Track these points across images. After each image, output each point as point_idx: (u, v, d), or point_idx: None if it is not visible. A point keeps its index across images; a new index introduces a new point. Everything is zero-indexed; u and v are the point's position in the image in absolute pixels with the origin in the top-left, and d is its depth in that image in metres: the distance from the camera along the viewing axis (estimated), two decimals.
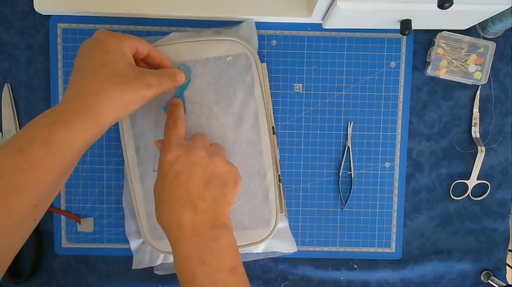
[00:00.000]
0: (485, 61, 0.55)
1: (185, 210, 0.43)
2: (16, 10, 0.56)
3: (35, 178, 0.37)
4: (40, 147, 0.37)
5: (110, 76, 0.41)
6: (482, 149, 0.57)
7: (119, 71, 0.42)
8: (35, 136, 0.37)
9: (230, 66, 0.54)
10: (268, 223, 0.55)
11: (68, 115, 0.39)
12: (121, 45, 0.44)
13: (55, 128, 0.38)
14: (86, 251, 0.58)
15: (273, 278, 0.59)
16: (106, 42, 0.43)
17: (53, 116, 0.38)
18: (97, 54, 0.42)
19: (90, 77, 0.41)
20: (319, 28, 0.56)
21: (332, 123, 0.57)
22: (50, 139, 0.37)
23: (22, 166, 0.36)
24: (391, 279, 0.59)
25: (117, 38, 0.44)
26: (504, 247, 0.59)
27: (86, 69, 0.42)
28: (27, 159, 0.36)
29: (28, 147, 0.36)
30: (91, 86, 0.40)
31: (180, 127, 0.48)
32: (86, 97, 0.40)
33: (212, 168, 0.44)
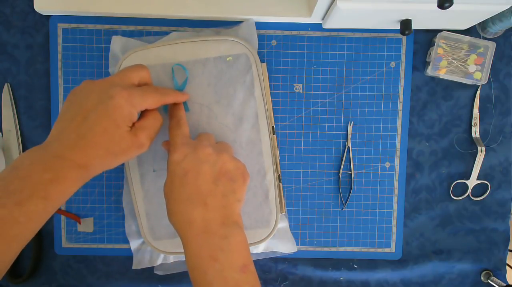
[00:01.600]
0: (485, 61, 0.55)
1: (195, 207, 0.43)
2: (16, 10, 0.56)
3: (29, 229, 0.39)
4: (37, 202, 0.39)
5: (107, 145, 0.42)
6: (482, 149, 0.57)
7: (117, 139, 0.43)
8: (33, 191, 0.39)
9: (230, 66, 0.54)
10: (268, 223, 0.55)
11: (64, 172, 0.41)
12: (129, 109, 0.43)
13: (52, 185, 0.40)
14: (86, 251, 0.58)
15: (273, 278, 0.59)
16: (115, 106, 0.42)
17: (51, 172, 0.40)
18: (102, 116, 0.42)
19: (89, 138, 0.42)
20: (319, 28, 0.56)
21: (332, 123, 0.57)
22: (46, 195, 0.40)
23: (19, 218, 0.38)
24: (391, 279, 0.59)
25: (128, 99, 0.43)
26: (504, 247, 0.59)
27: (87, 127, 0.42)
28: (24, 212, 0.38)
29: (26, 202, 0.38)
30: (89, 150, 0.42)
31: (183, 126, 0.48)
32: (82, 156, 0.42)
33: (220, 164, 0.45)
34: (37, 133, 0.57)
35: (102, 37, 0.56)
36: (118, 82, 0.44)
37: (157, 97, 0.46)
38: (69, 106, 0.44)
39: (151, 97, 0.45)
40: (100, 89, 0.43)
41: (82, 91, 0.44)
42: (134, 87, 0.44)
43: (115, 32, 0.56)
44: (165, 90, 0.48)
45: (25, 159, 0.41)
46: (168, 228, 0.54)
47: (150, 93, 0.45)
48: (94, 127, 0.42)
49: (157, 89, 0.47)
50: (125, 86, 0.44)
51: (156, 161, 0.54)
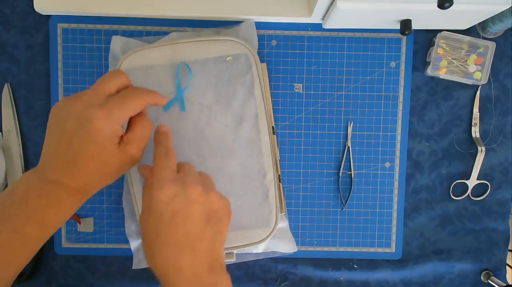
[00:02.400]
0: (485, 61, 0.55)
1: (183, 253, 0.40)
2: (16, 10, 0.56)
3: (24, 255, 0.40)
4: (33, 228, 0.39)
5: (99, 168, 0.42)
6: (482, 149, 0.57)
7: (107, 160, 0.42)
8: (29, 218, 0.39)
9: (230, 66, 0.54)
10: (268, 223, 0.55)
11: (60, 198, 0.41)
12: (111, 127, 0.41)
13: (48, 211, 0.40)
14: (86, 251, 0.58)
15: (273, 278, 0.59)
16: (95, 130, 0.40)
17: (47, 197, 0.40)
18: (86, 141, 0.40)
19: (79, 164, 0.41)
20: (319, 28, 0.56)
21: (332, 123, 0.57)
22: (42, 221, 0.40)
23: (14, 244, 0.38)
24: (391, 279, 0.59)
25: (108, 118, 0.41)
26: (504, 247, 0.59)
27: (74, 152, 0.41)
28: (19, 238, 0.38)
29: (22, 228, 0.38)
30: (82, 175, 0.42)
31: (172, 158, 0.44)
32: (76, 182, 0.42)
33: (210, 205, 0.42)
34: (37, 133, 0.57)
35: (102, 37, 0.56)
36: (93, 100, 0.41)
37: (137, 101, 0.43)
38: (51, 129, 0.42)
39: (131, 105, 0.42)
40: (76, 111, 0.41)
41: (60, 113, 0.42)
42: (111, 100, 0.41)
43: (115, 32, 0.56)
44: (143, 89, 0.45)
45: (21, 185, 0.41)
46: None
47: (129, 100, 0.42)
48: (81, 152, 0.41)
49: (135, 91, 0.44)
50: (101, 103, 0.41)
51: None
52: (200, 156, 0.54)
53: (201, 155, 0.54)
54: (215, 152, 0.54)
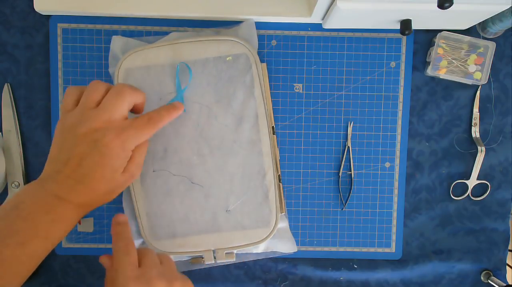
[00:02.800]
0: (485, 61, 0.55)
1: None
2: (16, 10, 0.56)
3: (30, 267, 0.40)
4: (39, 242, 0.40)
5: (105, 187, 0.43)
6: (482, 149, 0.57)
7: (113, 181, 0.44)
8: (36, 232, 0.40)
9: (230, 66, 0.54)
10: (268, 223, 0.55)
11: (65, 213, 0.42)
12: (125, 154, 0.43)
13: (53, 225, 0.41)
14: (86, 251, 0.58)
15: (273, 278, 0.59)
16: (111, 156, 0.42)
17: (53, 213, 0.41)
18: (99, 164, 0.42)
19: (87, 183, 0.42)
20: (319, 28, 0.56)
21: (332, 123, 0.57)
22: (48, 235, 0.41)
23: (21, 258, 0.39)
24: (391, 279, 0.59)
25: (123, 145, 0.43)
26: (504, 247, 0.59)
27: (84, 173, 0.42)
28: (26, 252, 0.39)
29: (29, 242, 0.39)
30: (88, 193, 0.43)
31: (132, 252, 0.42)
32: (81, 199, 0.43)
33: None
34: (37, 133, 0.57)
35: (102, 37, 0.56)
36: (111, 125, 0.42)
37: (151, 130, 0.45)
38: (59, 147, 0.43)
39: (145, 133, 0.44)
40: (89, 135, 0.42)
41: (68, 132, 0.43)
42: (127, 127, 0.43)
43: (115, 32, 0.56)
44: (158, 117, 0.46)
45: (26, 198, 0.41)
46: (168, 228, 0.54)
47: (144, 129, 0.44)
48: (91, 173, 0.42)
49: (149, 119, 0.45)
50: (119, 130, 0.42)
51: (156, 161, 0.54)
52: (200, 156, 0.54)
53: (201, 155, 0.54)
54: (215, 152, 0.54)
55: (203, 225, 0.54)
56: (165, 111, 0.47)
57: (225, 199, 0.54)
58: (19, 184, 0.56)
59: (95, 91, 0.44)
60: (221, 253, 0.55)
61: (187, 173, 0.54)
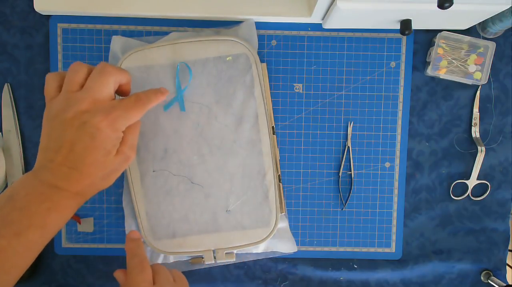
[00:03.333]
0: (485, 61, 0.55)
1: None
2: (16, 10, 0.56)
3: (27, 258, 0.40)
4: (35, 232, 0.40)
5: (99, 172, 0.43)
6: (482, 149, 0.57)
7: (107, 164, 0.43)
8: (31, 222, 0.40)
9: (230, 66, 0.54)
10: (268, 223, 0.55)
11: (61, 201, 0.41)
12: (116, 135, 0.43)
13: (49, 215, 0.41)
14: (86, 251, 0.58)
15: (273, 278, 0.59)
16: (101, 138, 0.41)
17: (48, 202, 0.41)
18: (90, 148, 0.41)
19: (80, 169, 0.42)
20: (319, 28, 0.56)
21: (332, 123, 0.57)
22: (44, 224, 0.40)
23: (17, 248, 0.39)
24: (391, 279, 0.59)
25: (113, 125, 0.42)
26: (504, 247, 0.59)
27: (76, 158, 0.41)
28: (22, 243, 0.39)
29: (25, 232, 0.39)
30: (83, 179, 0.42)
31: (147, 269, 0.43)
32: (76, 186, 0.42)
33: None
34: (37, 133, 0.57)
35: (102, 37, 0.56)
36: (98, 107, 0.41)
37: (140, 110, 0.44)
38: (48, 136, 0.42)
39: (134, 113, 0.43)
40: (76, 118, 0.41)
41: (55, 119, 0.42)
42: (116, 110, 0.42)
43: (115, 32, 0.56)
44: (146, 97, 0.45)
45: (20, 189, 0.41)
46: (168, 228, 0.54)
47: (132, 109, 0.43)
48: (84, 159, 0.41)
49: (137, 100, 0.44)
50: (107, 110, 0.41)
51: (156, 161, 0.54)
52: (200, 156, 0.54)
53: (201, 155, 0.54)
54: (215, 152, 0.54)
55: (203, 225, 0.54)
56: (152, 93, 0.46)
57: (225, 199, 0.54)
58: None
59: (77, 73, 0.42)
60: (221, 253, 0.55)
61: (187, 173, 0.54)
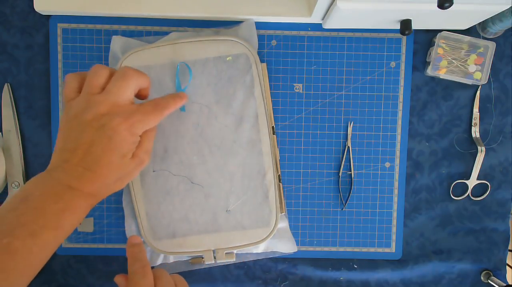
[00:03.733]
0: (485, 61, 0.55)
1: None
2: (16, 10, 0.56)
3: (41, 258, 0.40)
4: (49, 232, 0.40)
5: (114, 174, 0.43)
6: (482, 149, 0.57)
7: (122, 167, 0.43)
8: (46, 222, 0.40)
9: (230, 66, 0.54)
10: (268, 223, 0.55)
11: (75, 202, 0.42)
12: (133, 139, 0.43)
13: (64, 215, 0.41)
14: (86, 251, 0.58)
15: (273, 278, 0.59)
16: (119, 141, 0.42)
17: (62, 202, 0.41)
18: (107, 150, 0.42)
19: (95, 170, 0.42)
20: (319, 28, 0.56)
21: (332, 123, 0.57)
22: (58, 225, 0.40)
23: (32, 249, 0.39)
24: (391, 279, 0.59)
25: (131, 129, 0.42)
26: (504, 247, 0.59)
27: (92, 159, 0.42)
28: (37, 243, 0.39)
29: (40, 232, 0.39)
30: (97, 181, 0.42)
31: (149, 274, 0.43)
32: (91, 187, 0.42)
33: None
34: (37, 133, 0.57)
35: (102, 37, 0.56)
36: (117, 109, 0.42)
37: (158, 115, 0.45)
38: (65, 137, 0.43)
39: (152, 119, 0.44)
40: (96, 120, 0.41)
41: (74, 119, 0.42)
42: (135, 114, 0.43)
43: (115, 32, 0.56)
44: (164, 103, 0.46)
45: (34, 190, 0.41)
46: (168, 228, 0.54)
47: (151, 115, 0.44)
48: (100, 160, 0.42)
49: (156, 105, 0.45)
50: (126, 114, 0.42)
51: (156, 161, 0.54)
52: (200, 156, 0.54)
53: (201, 155, 0.54)
54: (215, 152, 0.54)
55: (203, 225, 0.54)
56: (171, 99, 0.47)
57: (225, 199, 0.54)
58: (19, 184, 0.56)
59: (99, 76, 0.43)
60: (221, 253, 0.55)
61: (187, 173, 0.54)
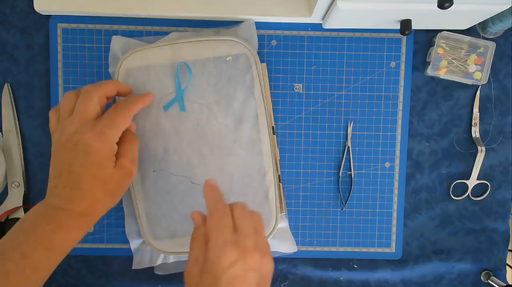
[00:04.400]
0: (485, 61, 0.55)
1: None
2: (16, 10, 0.56)
3: (35, 280, 0.41)
4: (42, 252, 0.41)
5: (101, 188, 0.44)
6: (482, 149, 0.57)
7: (107, 179, 0.44)
8: (38, 243, 0.41)
9: (230, 66, 0.54)
10: (268, 223, 0.55)
11: (67, 222, 0.43)
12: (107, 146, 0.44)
13: (56, 235, 0.42)
14: (86, 251, 0.58)
15: (273, 278, 0.59)
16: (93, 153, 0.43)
17: (54, 223, 0.42)
18: (86, 165, 0.43)
19: (81, 187, 0.43)
20: (319, 28, 0.56)
21: (332, 123, 0.57)
22: (50, 245, 0.41)
23: (25, 270, 0.39)
24: (391, 279, 0.59)
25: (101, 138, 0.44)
26: (504, 247, 0.59)
27: (76, 178, 0.43)
28: (29, 264, 0.40)
29: (31, 254, 0.40)
30: (85, 198, 0.43)
31: (229, 215, 0.42)
32: (81, 205, 0.43)
33: (263, 270, 0.42)
34: (37, 133, 0.57)
35: (102, 37, 0.56)
36: (83, 125, 0.44)
37: (125, 116, 0.46)
38: (53, 164, 0.45)
39: (120, 121, 0.45)
40: (71, 139, 0.44)
41: (57, 144, 0.45)
42: (100, 122, 0.44)
43: (115, 32, 0.56)
44: (127, 103, 0.47)
45: (29, 215, 0.43)
46: (168, 228, 0.54)
47: (117, 117, 0.45)
48: (82, 176, 0.43)
49: (116, 106, 0.46)
50: (91, 126, 0.44)
51: (156, 161, 0.54)
52: (200, 156, 0.54)
53: (201, 155, 0.54)
54: (215, 152, 0.54)
55: None
56: (133, 98, 0.49)
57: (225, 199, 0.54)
58: (19, 184, 0.56)
59: (68, 101, 0.46)
60: None
61: (187, 173, 0.54)
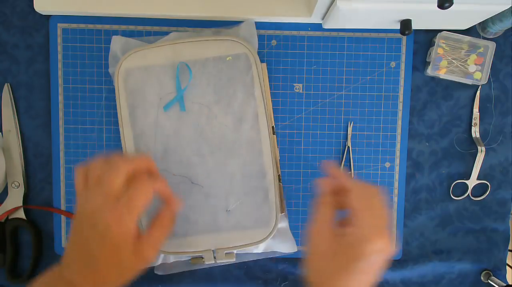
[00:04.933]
0: (485, 61, 0.55)
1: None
2: (16, 10, 0.56)
3: None
4: None
5: (114, 271, 0.42)
6: (482, 149, 0.57)
7: (122, 263, 0.42)
8: None
9: (230, 66, 0.54)
10: (268, 223, 0.55)
11: None
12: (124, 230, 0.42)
13: None
14: None
15: (273, 278, 0.59)
16: (112, 234, 0.41)
17: None
18: (102, 246, 0.41)
19: (95, 267, 0.42)
20: (319, 28, 0.56)
21: (332, 123, 0.57)
22: None
23: None
24: (391, 279, 0.59)
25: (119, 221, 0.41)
26: (504, 247, 0.59)
27: (91, 257, 0.42)
28: None
29: None
30: (97, 278, 0.42)
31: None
32: (91, 282, 0.42)
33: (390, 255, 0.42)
34: (37, 133, 0.57)
35: (102, 37, 0.56)
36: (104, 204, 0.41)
37: (147, 194, 0.42)
38: (73, 237, 0.43)
39: (138, 204, 0.42)
40: (90, 217, 0.41)
41: (78, 216, 0.43)
42: (120, 203, 0.41)
43: (115, 32, 0.56)
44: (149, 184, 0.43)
45: (42, 283, 0.43)
46: None
47: (135, 201, 0.42)
48: (98, 256, 0.41)
49: (142, 185, 0.42)
50: (111, 206, 0.41)
51: (156, 161, 0.54)
52: (200, 156, 0.54)
53: (201, 155, 0.54)
54: (215, 152, 0.54)
55: (203, 225, 0.54)
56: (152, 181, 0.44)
57: (225, 199, 0.54)
58: (19, 184, 0.56)
59: (96, 168, 0.43)
60: (221, 253, 0.55)
61: (187, 173, 0.54)
